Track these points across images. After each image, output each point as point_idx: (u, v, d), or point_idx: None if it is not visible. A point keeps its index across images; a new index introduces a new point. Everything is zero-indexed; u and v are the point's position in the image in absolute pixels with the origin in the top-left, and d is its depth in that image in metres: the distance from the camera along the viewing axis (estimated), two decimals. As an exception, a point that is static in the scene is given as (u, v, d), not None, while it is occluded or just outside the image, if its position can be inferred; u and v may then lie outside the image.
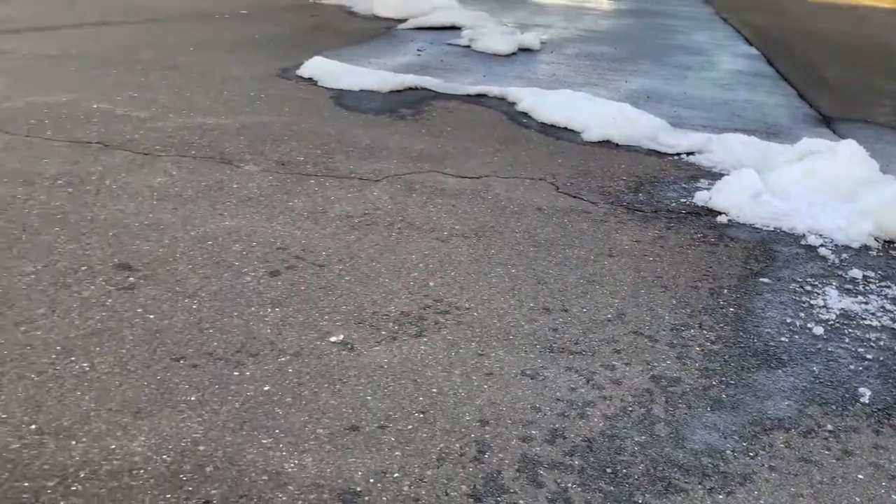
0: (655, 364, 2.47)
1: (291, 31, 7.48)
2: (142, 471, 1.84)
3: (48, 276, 2.67)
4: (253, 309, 2.58)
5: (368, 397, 2.18)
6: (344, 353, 2.39)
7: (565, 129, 4.95)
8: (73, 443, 1.91)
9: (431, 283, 2.85)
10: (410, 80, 5.69)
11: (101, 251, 2.87)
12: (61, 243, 2.91)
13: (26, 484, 1.78)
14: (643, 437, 2.12)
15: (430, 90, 5.62)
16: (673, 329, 2.68)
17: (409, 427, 2.07)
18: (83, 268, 2.75)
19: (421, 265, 2.99)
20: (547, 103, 5.23)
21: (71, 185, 3.43)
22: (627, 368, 2.42)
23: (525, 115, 5.20)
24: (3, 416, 1.98)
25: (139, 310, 2.52)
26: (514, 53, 7.33)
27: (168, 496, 1.77)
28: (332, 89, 5.43)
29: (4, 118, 4.20)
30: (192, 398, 2.11)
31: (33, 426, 1.96)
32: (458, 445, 2.01)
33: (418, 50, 7.13)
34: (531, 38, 7.66)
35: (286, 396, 2.16)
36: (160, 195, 3.41)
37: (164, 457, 1.89)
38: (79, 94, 4.76)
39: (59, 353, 2.26)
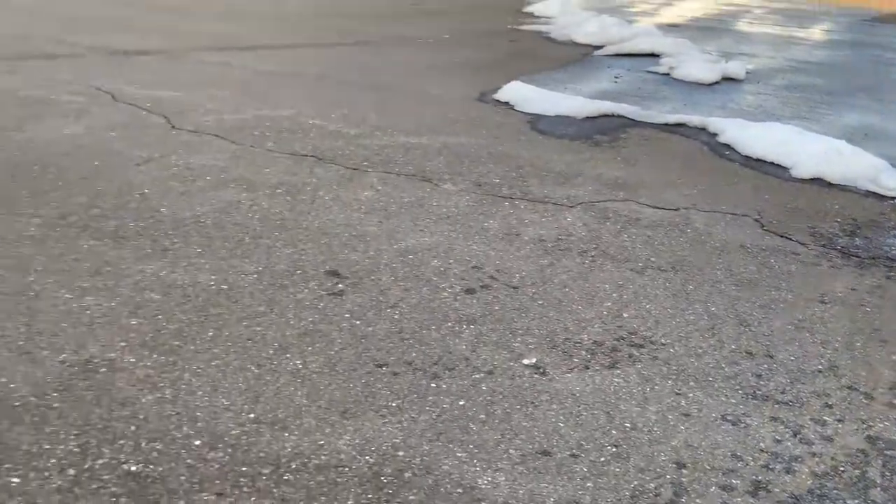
0: (872, 423, 2.27)
1: (490, 55, 7.66)
2: (347, 469, 1.95)
3: (268, 277, 2.90)
4: (449, 324, 2.66)
5: (560, 424, 2.18)
6: (536, 376, 2.40)
7: (772, 163, 4.70)
8: (286, 434, 2.06)
9: (625, 315, 2.81)
10: (607, 106, 5.64)
11: (314, 257, 3.08)
12: (279, 247, 3.15)
13: (244, 469, 1.93)
14: (856, 502, 1.96)
15: (627, 117, 5.55)
16: (893, 388, 2.46)
17: (602, 459, 2.04)
18: (298, 272, 2.96)
19: (615, 295, 2.95)
20: (752, 136, 5.00)
21: (289, 194, 3.70)
22: (840, 425, 2.25)
23: (727, 146, 5.00)
24: (226, 404, 2.17)
25: (346, 315, 2.67)
26: (716, 82, 7.07)
27: (370, 496, 1.86)
28: (528, 114, 5.50)
29: (233, 129, 4.62)
30: (393, 404, 2.21)
31: (252, 415, 2.13)
32: (652, 485, 1.96)
33: (615, 77, 7.06)
34: (736, 67, 7.36)
35: (480, 413, 2.20)
36: (367, 208, 3.61)
37: (367, 458, 1.99)
38: (297, 110, 5.14)
39: (276, 349, 2.44)
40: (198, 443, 2.00)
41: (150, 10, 8.83)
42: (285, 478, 1.90)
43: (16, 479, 1.83)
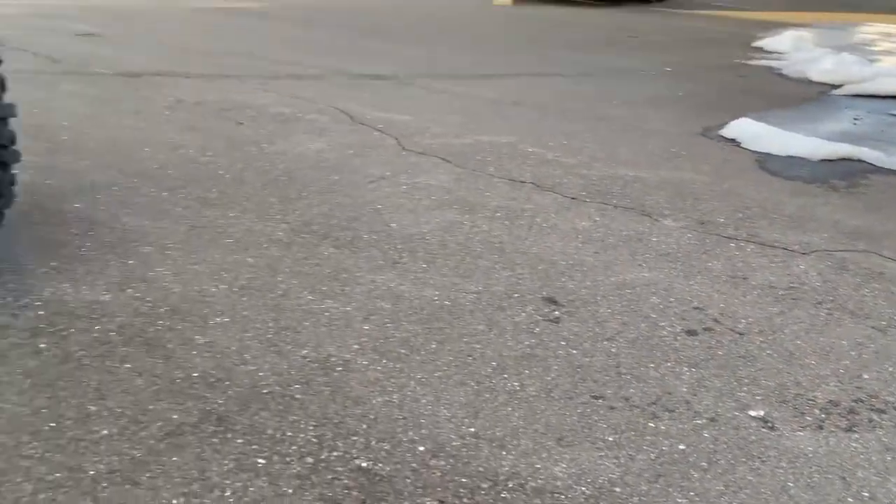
0: None
1: (716, 90, 7.41)
2: (562, 496, 1.95)
3: (487, 298, 2.98)
4: (669, 364, 2.59)
5: (790, 483, 2.05)
6: (763, 430, 2.27)
7: None
8: (504, 453, 2.10)
9: (865, 376, 2.59)
10: (845, 149, 5.25)
11: (531, 282, 3.13)
12: (498, 270, 3.23)
13: (464, 480, 1.99)
14: None
15: (869, 163, 5.13)
16: None
17: (838, 528, 1.90)
18: (515, 295, 3.02)
19: (853, 353, 2.73)
20: None
21: (507, 219, 3.79)
22: None
23: None
24: (448, 415, 2.25)
25: (563, 343, 2.68)
26: (975, 130, 6.35)
27: (586, 527, 1.85)
28: (756, 152, 5.25)
29: (456, 153, 4.81)
30: (610, 438, 2.19)
31: (472, 429, 2.19)
32: (897, 565, 1.79)
33: (855, 118, 6.56)
34: None
35: (701, 460, 2.12)
36: (584, 238, 3.61)
37: (583, 488, 1.98)
38: (516, 137, 5.25)
39: (494, 368, 2.50)
40: (422, 449, 2.09)
41: (384, 39, 9.44)
42: (503, 495, 1.94)
43: (261, 460, 2.01)
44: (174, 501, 1.84)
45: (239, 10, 10.78)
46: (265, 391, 2.29)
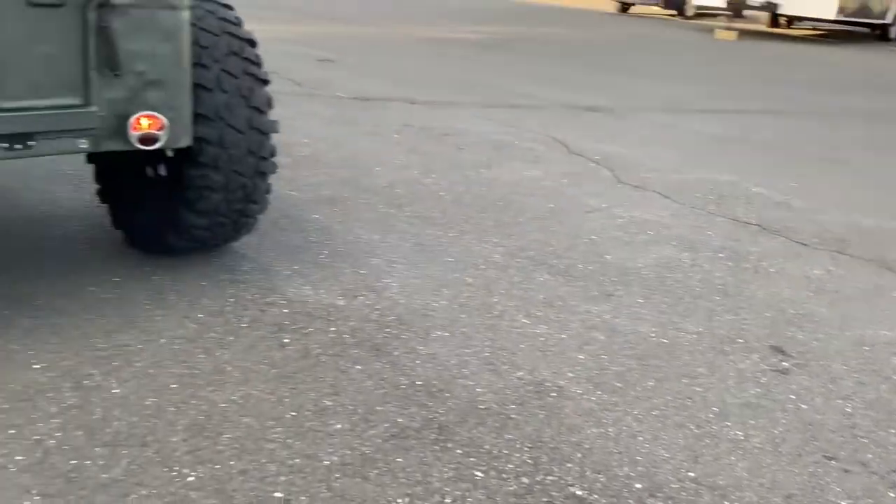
0: None
1: (971, 136, 6.68)
2: (791, 558, 1.83)
3: (707, 340, 2.87)
4: (915, 433, 2.36)
5: None
6: None
7: None
8: (726, 503, 2.01)
9: None
10: None
11: (757, 329, 2.97)
12: (719, 312, 3.11)
13: (681, 524, 1.93)
14: None
15: None
16: None
17: None
18: (739, 340, 2.88)
19: None
20: None
21: (730, 260, 3.64)
22: None
23: None
24: (666, 456, 2.19)
25: (792, 396, 2.53)
26: None
27: None
28: None
29: (675, 188, 4.69)
30: (844, 503, 2.03)
31: (691, 474, 2.12)
32: None
33: None
34: None
35: (954, 544, 1.91)
36: (816, 288, 3.38)
37: (815, 554, 1.85)
38: (740, 176, 5.03)
39: (716, 414, 2.40)
40: (639, 486, 2.05)
41: (600, 71, 9.42)
42: (725, 547, 1.86)
43: (479, 474, 2.07)
44: (399, 501, 1.94)
45: (457, 41, 11.25)
46: (482, 407, 2.36)
